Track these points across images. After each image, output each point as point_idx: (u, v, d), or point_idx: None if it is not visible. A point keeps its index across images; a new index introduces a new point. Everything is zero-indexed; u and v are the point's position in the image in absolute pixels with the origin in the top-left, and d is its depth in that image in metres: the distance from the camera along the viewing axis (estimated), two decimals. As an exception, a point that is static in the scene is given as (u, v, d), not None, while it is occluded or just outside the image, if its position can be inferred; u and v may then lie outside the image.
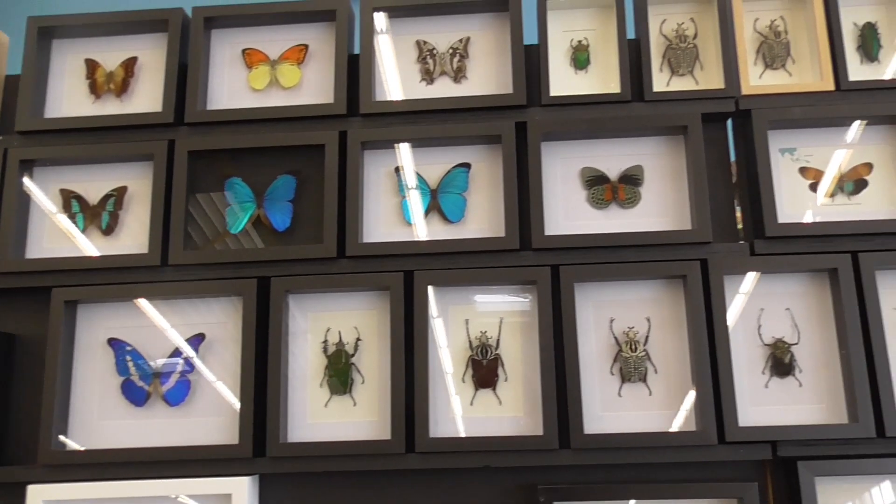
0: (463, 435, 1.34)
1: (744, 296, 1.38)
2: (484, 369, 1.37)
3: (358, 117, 1.47)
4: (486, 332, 1.39)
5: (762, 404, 1.33)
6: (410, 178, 1.45)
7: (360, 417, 1.37)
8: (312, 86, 1.52)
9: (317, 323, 1.41)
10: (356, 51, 1.53)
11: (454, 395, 1.37)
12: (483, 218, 1.44)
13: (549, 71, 1.46)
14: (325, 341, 1.40)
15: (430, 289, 1.38)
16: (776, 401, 1.33)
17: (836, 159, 1.43)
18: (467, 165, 1.46)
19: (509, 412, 1.35)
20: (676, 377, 1.35)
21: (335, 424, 1.37)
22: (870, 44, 1.47)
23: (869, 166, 1.42)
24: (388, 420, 1.33)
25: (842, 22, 1.45)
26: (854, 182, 1.42)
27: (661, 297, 1.39)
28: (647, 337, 1.37)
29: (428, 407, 1.33)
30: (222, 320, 1.42)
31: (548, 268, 1.37)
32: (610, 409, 1.35)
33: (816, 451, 1.29)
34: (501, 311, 1.40)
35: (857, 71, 1.46)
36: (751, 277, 1.38)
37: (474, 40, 1.52)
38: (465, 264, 1.40)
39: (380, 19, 1.52)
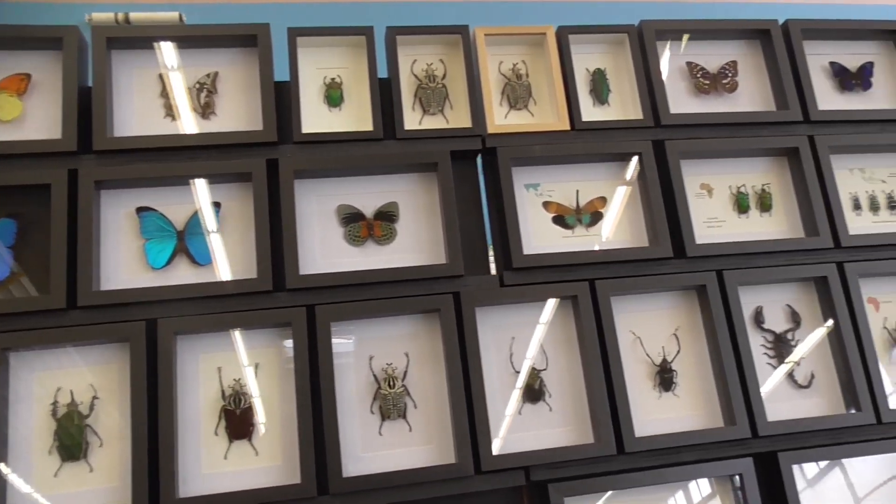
0: (218, 492, 1.25)
1: (496, 326, 1.43)
2: (237, 419, 1.29)
3: (91, 154, 1.35)
4: (240, 379, 1.32)
5: (517, 431, 1.38)
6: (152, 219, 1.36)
7: (96, 484, 1.23)
8: (37, 120, 1.37)
9: (44, 383, 1.26)
10: (90, 83, 1.41)
11: (205, 450, 1.28)
12: (235, 259, 1.38)
13: (302, 108, 1.44)
14: (55, 402, 1.26)
15: (178, 337, 1.29)
16: (529, 426, 1.38)
17: (574, 194, 1.53)
18: (217, 205, 1.39)
19: (267, 462, 1.29)
20: (435, 411, 1.36)
21: (67, 495, 1.22)
22: (600, 88, 1.60)
23: (603, 200, 1.54)
24: (129, 485, 1.22)
25: (575, 67, 1.57)
26: (591, 214, 1.53)
27: (419, 332, 1.40)
28: (405, 372, 1.37)
29: (174, 466, 1.23)
30: (-76, 387, 1.23)
31: (303, 308, 1.33)
32: (371, 449, 1.33)
33: (568, 472, 1.35)
34: (257, 355, 1.34)
35: (590, 112, 1.58)
36: (501, 308, 1.43)
37: (223, 75, 1.47)
38: (216, 309, 1.32)
39: (116, 51, 1.42)
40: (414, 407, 1.36)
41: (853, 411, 1.45)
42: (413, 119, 1.51)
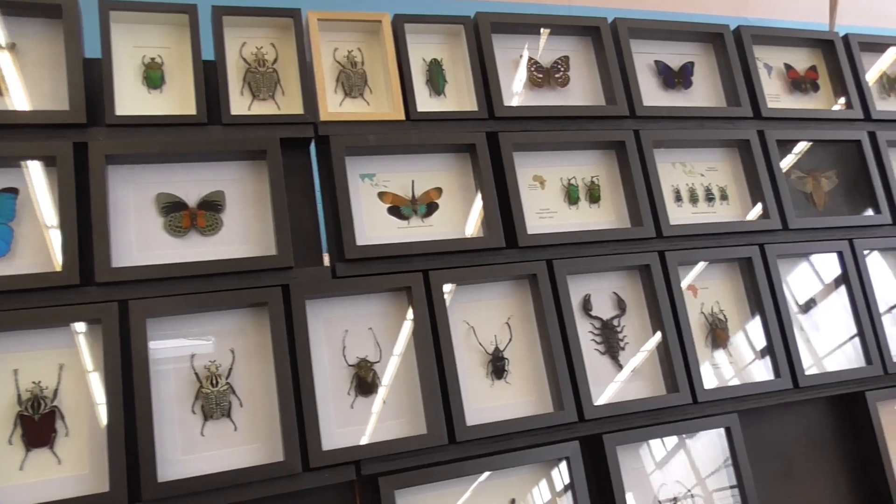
0: (13, 507, 1.14)
1: (328, 319, 1.39)
2: (36, 426, 1.18)
3: None
4: (40, 381, 1.20)
5: (348, 425, 1.35)
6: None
7: None
8: None
9: None
10: None
11: (-2, 461, 1.16)
12: (37, 250, 1.26)
13: (116, 88, 1.34)
14: None
15: (-34, 338, 1.17)
16: (361, 420, 1.36)
17: (410, 184, 1.52)
18: (14, 191, 1.26)
19: (70, 471, 1.19)
20: (263, 408, 1.31)
21: None
22: (437, 78, 1.60)
23: (439, 190, 1.54)
24: None
25: (411, 57, 1.56)
26: (427, 205, 1.52)
27: (246, 327, 1.34)
28: (230, 369, 1.31)
29: (-41, 481, 1.11)
30: None
31: (114, 304, 1.24)
32: (192, 451, 1.25)
33: (400, 465, 1.33)
34: (62, 356, 1.23)
35: (427, 103, 1.57)
36: (334, 300, 1.40)
37: (23, 48, 1.34)
38: (13, 305, 1.20)
39: None
40: (240, 405, 1.30)
41: (673, 392, 1.53)
42: (242, 104, 1.44)
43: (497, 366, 1.46)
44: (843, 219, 1.80)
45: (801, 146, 1.83)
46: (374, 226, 1.48)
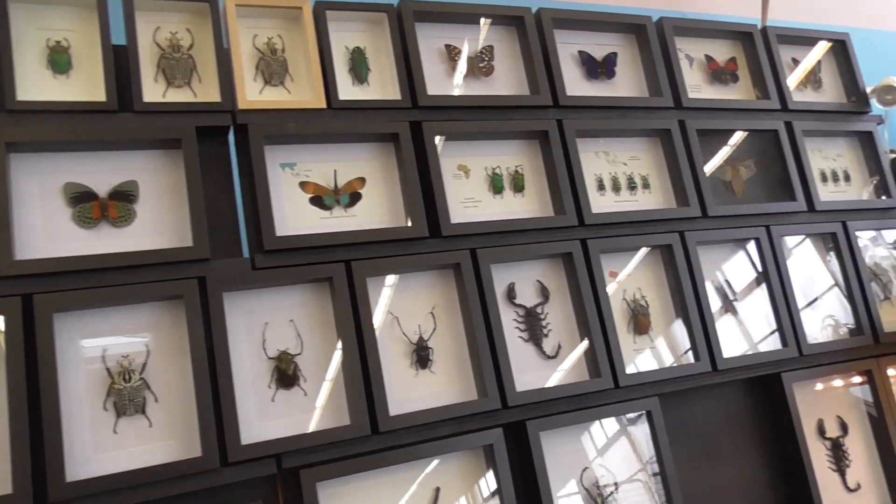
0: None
1: (248, 311, 1.37)
2: (-67, 427, 1.13)
3: None
4: (-62, 381, 1.15)
5: (269, 418, 1.33)
6: None
7: None
8: None
9: None
10: None
11: None
12: (-67, 244, 1.20)
13: (17, 72, 1.28)
14: None
15: None
16: (283, 413, 1.34)
17: (332, 174, 1.50)
18: None
19: (-28, 474, 1.14)
20: (179, 403, 1.28)
21: None
22: (359, 67, 1.58)
23: (362, 180, 1.52)
24: None
25: (333, 45, 1.54)
26: (350, 195, 1.51)
27: (161, 321, 1.30)
28: (144, 364, 1.27)
29: None
30: None
31: (17, 298, 1.19)
32: (104, 450, 1.22)
33: (323, 457, 1.32)
34: (-38, 354, 1.18)
35: (349, 91, 1.55)
36: (253, 292, 1.37)
37: (-82, 32, 1.27)
38: None
39: None
40: (155, 401, 1.27)
41: (595, 378, 1.55)
42: (156, 91, 1.40)
43: (421, 355, 1.46)
44: (761, 206, 1.85)
45: (722, 136, 1.88)
46: (295, 216, 1.45)
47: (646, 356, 1.64)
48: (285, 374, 1.36)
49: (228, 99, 1.42)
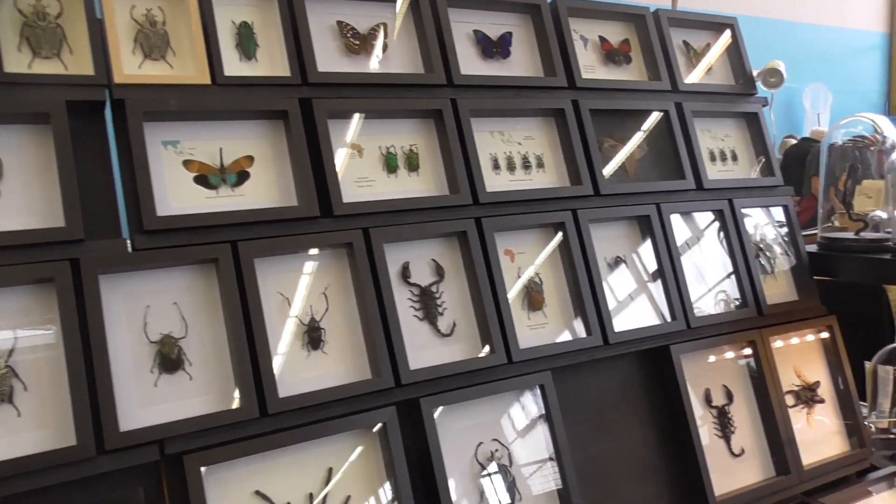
0: None
1: (128, 294, 1.32)
2: None
3: None
4: None
5: (152, 404, 1.29)
6: None
7: None
8: None
9: None
10: None
11: None
12: None
13: None
14: None
15: None
16: (166, 398, 1.30)
17: (218, 152, 1.45)
18: None
19: None
20: (52, 391, 1.22)
21: None
22: (247, 42, 1.53)
23: (250, 159, 1.49)
24: None
25: (218, 19, 1.49)
26: (237, 174, 1.47)
27: (31, 306, 1.24)
28: (10, 352, 1.21)
29: None
30: None
31: None
32: (-34, 442, 1.15)
33: (209, 441, 1.29)
34: None
35: (236, 67, 1.51)
36: (133, 275, 1.32)
37: None
38: None
39: None
40: (24, 389, 1.21)
41: (489, 354, 1.57)
42: (20, 62, 1.32)
43: (313, 336, 1.44)
44: (651, 184, 1.91)
45: (616, 116, 1.92)
46: (178, 196, 1.40)
47: (540, 332, 1.67)
48: (168, 359, 1.32)
49: (103, 72, 1.36)
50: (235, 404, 1.33)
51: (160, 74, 1.43)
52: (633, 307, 1.81)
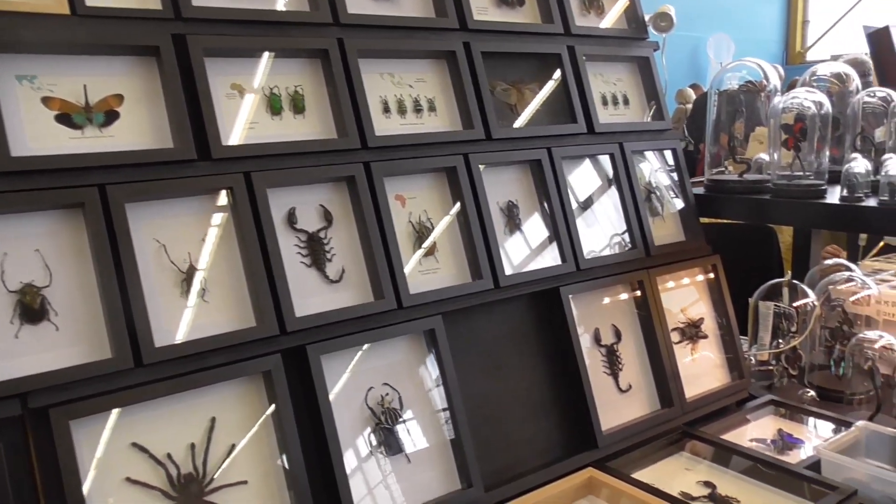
0: None
1: (-18, 242, 1.23)
2: None
3: None
4: None
5: (13, 357, 1.21)
6: None
7: None
8: None
9: None
10: None
11: None
12: None
13: None
14: None
15: None
16: (29, 350, 1.23)
17: (82, 89, 1.36)
18: None
19: None
20: None
21: None
22: (112, -29, 1.43)
23: (119, 98, 1.40)
24: None
25: (78, -56, 1.38)
26: (105, 113, 1.38)
27: None
28: None
29: None
30: None
31: None
32: None
33: (78, 394, 1.23)
34: None
35: (101, -2, 1.41)
36: (-14, 220, 1.23)
37: None
38: None
39: None
40: None
41: (379, 300, 1.56)
42: None
43: (192, 284, 1.39)
44: (543, 128, 1.92)
45: (507, 58, 1.90)
46: (37, 135, 1.31)
47: (431, 277, 1.67)
48: (31, 309, 1.24)
49: (-56, 0, 1.24)
50: (107, 355, 1.27)
51: (11, 1, 1.31)
52: (525, 251, 1.83)
